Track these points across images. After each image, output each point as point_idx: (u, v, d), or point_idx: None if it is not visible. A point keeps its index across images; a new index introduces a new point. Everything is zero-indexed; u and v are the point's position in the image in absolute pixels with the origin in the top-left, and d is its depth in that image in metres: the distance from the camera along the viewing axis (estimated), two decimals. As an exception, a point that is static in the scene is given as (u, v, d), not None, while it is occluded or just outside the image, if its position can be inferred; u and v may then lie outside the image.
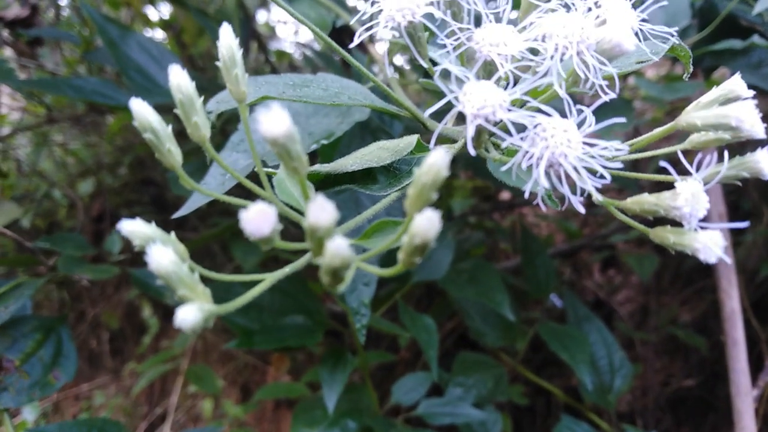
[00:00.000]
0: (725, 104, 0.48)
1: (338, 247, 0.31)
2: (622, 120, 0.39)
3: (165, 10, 2.42)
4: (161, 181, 2.18)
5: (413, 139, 0.54)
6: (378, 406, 1.62)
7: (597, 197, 0.49)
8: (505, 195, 2.54)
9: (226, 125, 1.45)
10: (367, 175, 0.54)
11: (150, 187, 2.32)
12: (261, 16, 2.72)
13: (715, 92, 0.48)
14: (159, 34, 2.69)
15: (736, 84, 0.47)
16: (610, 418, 1.80)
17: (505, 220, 2.63)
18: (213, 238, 1.84)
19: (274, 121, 0.33)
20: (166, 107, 1.63)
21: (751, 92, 0.48)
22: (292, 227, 0.46)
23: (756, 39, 1.42)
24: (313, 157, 1.04)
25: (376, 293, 1.83)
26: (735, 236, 2.30)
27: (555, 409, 2.28)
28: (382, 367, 2.39)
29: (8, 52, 2.35)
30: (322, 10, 1.07)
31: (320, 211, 0.32)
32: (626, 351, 2.50)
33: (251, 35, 2.16)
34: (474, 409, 1.56)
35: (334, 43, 0.61)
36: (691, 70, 0.58)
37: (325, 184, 0.53)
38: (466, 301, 1.80)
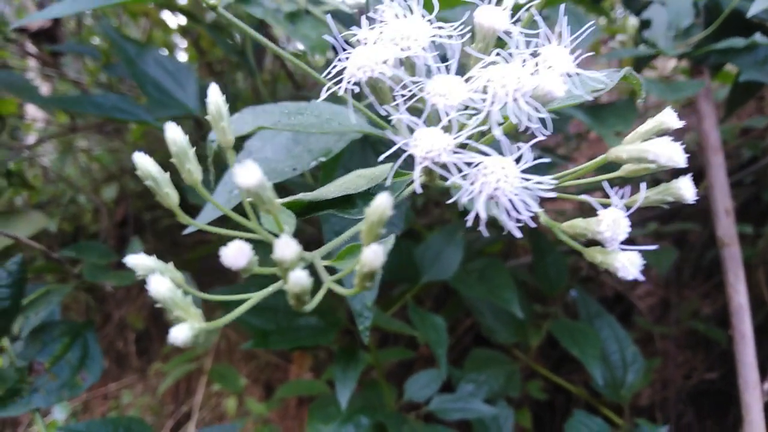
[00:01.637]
0: (659, 134, 0.55)
1: (298, 277, 0.40)
2: (547, 160, 0.47)
3: (183, 18, 2.53)
4: (181, 187, 2.29)
5: (387, 167, 0.62)
6: (394, 402, 1.71)
7: (543, 219, 0.57)
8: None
9: (240, 141, 1.55)
10: (346, 201, 0.62)
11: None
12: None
13: (650, 123, 0.56)
14: (178, 40, 2.80)
15: (667, 117, 0.55)
16: (625, 413, 1.86)
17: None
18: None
19: (247, 175, 0.42)
20: (181, 119, 1.73)
21: (682, 123, 0.55)
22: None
23: (758, 37, 1.47)
24: (317, 170, 1.14)
25: (389, 294, 1.93)
26: (756, 228, 2.34)
27: (575, 405, 2.34)
28: (401, 365, 2.47)
29: (32, 62, 2.48)
30: (324, 30, 1.15)
31: (285, 247, 0.41)
32: (646, 345, 2.55)
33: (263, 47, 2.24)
34: (485, 405, 1.64)
35: (315, 74, 0.69)
36: (644, 95, 0.65)
37: (309, 209, 0.62)
38: (478, 299, 1.88)
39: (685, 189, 0.52)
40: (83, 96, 1.50)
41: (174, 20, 2.48)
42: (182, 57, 2.87)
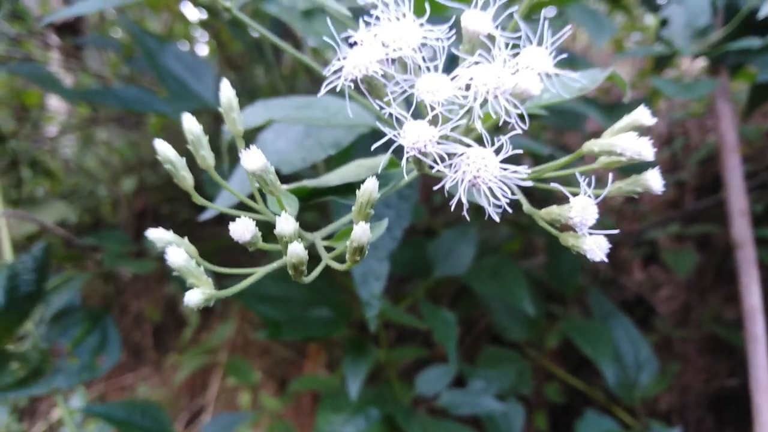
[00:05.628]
0: (633, 130, 0.62)
1: (295, 248, 0.48)
2: (519, 151, 0.54)
3: (204, 12, 2.62)
4: (199, 179, 2.39)
5: (387, 157, 0.70)
6: (406, 398, 1.79)
7: (525, 207, 0.64)
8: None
9: (254, 132, 1.63)
10: (348, 188, 0.70)
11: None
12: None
13: (625, 120, 0.63)
14: (198, 34, 2.91)
15: (641, 114, 0.61)
16: (639, 415, 1.92)
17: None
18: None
19: (252, 159, 0.50)
20: (199, 111, 1.81)
21: (653, 120, 0.62)
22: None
23: (773, 38, 1.52)
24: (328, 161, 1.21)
25: (403, 289, 2.00)
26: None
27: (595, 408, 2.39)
28: (417, 364, 2.54)
29: (54, 54, 2.59)
30: (337, 27, 1.23)
31: (284, 223, 0.49)
32: (666, 349, 2.59)
33: (284, 35, 2.33)
34: (495, 401, 1.71)
35: (319, 69, 0.77)
36: (629, 95, 0.72)
37: (312, 195, 0.70)
38: (492, 296, 1.94)
39: (653, 180, 0.59)
40: (106, 88, 1.60)
41: (194, 14, 2.58)
42: (202, 50, 2.97)
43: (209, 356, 2.61)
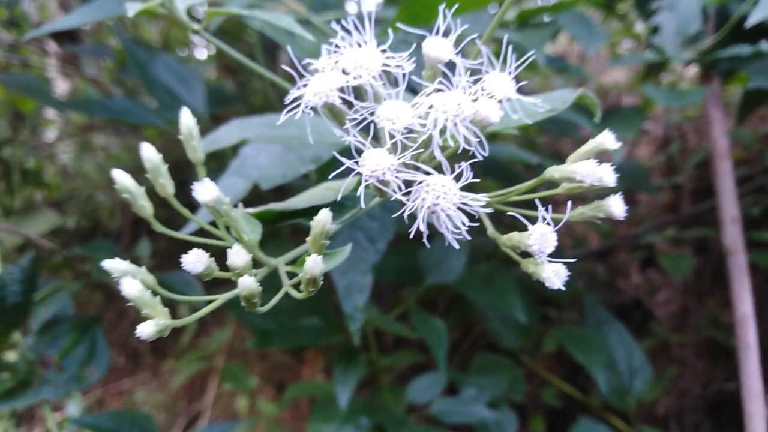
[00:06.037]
0: (598, 155, 0.62)
1: (245, 282, 0.48)
2: (476, 179, 0.54)
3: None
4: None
5: (354, 180, 0.70)
6: (400, 405, 1.78)
7: (489, 232, 0.64)
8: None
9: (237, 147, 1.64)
10: (314, 211, 0.69)
11: (185, 190, 2.55)
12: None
13: (590, 144, 0.62)
14: (196, 39, 2.90)
15: (605, 139, 0.61)
16: (633, 421, 1.91)
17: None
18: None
19: (205, 191, 0.50)
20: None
21: (618, 144, 0.61)
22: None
23: (764, 45, 1.51)
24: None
25: (394, 296, 2.00)
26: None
27: (591, 413, 2.38)
28: (414, 369, 2.54)
29: (51, 59, 2.60)
30: (322, 40, 1.23)
31: (236, 256, 0.49)
32: (664, 353, 2.58)
33: (277, 45, 2.32)
34: (486, 409, 1.70)
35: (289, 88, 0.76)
36: (600, 114, 0.72)
37: (280, 218, 0.69)
38: (485, 303, 1.94)
39: (615, 206, 0.59)
40: (95, 100, 1.61)
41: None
42: (201, 54, 2.97)
43: (207, 361, 2.62)
